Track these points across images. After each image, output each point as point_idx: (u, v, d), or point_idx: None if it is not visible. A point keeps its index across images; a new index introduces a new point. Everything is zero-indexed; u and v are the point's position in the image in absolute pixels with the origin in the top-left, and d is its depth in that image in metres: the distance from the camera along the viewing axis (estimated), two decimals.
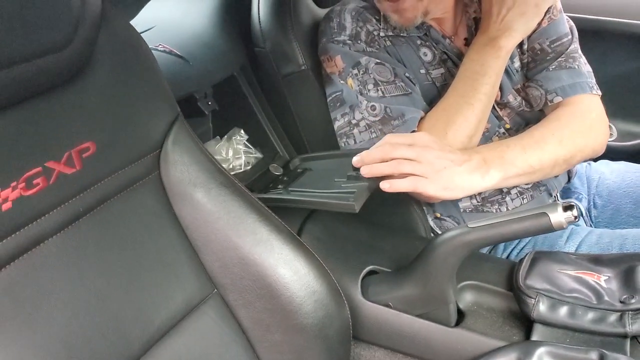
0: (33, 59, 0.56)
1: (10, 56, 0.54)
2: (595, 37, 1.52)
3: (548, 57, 1.05)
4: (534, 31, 1.04)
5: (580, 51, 1.08)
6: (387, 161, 0.87)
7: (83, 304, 0.61)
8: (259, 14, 1.12)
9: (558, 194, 1.17)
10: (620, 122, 1.57)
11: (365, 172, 0.87)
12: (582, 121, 1.01)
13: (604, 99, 1.05)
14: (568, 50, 1.05)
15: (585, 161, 1.19)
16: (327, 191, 0.90)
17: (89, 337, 0.61)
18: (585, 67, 1.06)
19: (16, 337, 0.55)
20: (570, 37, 1.06)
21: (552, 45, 1.05)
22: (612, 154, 1.42)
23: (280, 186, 0.97)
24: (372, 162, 0.88)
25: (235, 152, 1.02)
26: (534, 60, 1.07)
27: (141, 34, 0.75)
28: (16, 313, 0.56)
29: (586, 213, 1.20)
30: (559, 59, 1.04)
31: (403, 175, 0.87)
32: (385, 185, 0.86)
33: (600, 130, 1.03)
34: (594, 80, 1.06)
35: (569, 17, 1.11)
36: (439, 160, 0.88)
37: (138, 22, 1.13)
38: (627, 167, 1.25)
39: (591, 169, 1.26)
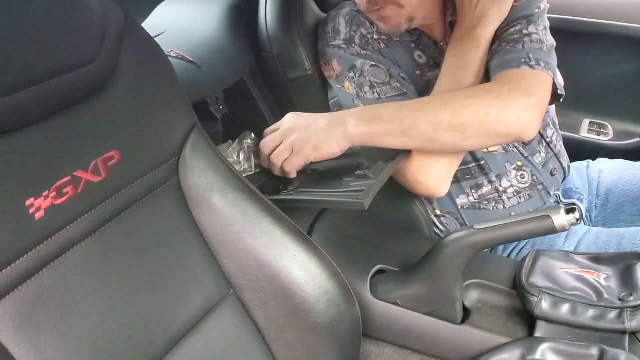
0: (63, 74, 0.58)
1: (42, 72, 0.56)
2: (593, 39, 1.53)
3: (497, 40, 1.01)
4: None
5: (537, 33, 1.00)
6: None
7: (110, 307, 0.64)
8: (266, 19, 1.13)
9: (560, 194, 1.20)
10: (617, 122, 1.59)
11: (265, 164, 1.00)
12: (488, 90, 0.92)
13: (603, 100, 1.04)
14: (512, 30, 1.00)
15: (510, 143, 1.10)
16: (336, 190, 0.92)
17: (116, 338, 0.63)
18: (530, 46, 0.97)
19: (49, 339, 0.57)
20: (524, 21, 1.00)
21: (505, 28, 1.01)
22: (609, 152, 1.45)
23: (290, 188, 0.99)
24: (265, 160, 0.98)
25: (246, 155, 1.04)
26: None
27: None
28: (49, 317, 0.58)
29: (586, 214, 1.22)
30: (501, 38, 1.00)
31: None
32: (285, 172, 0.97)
33: (516, 105, 0.90)
34: (536, 57, 0.95)
35: (569, 19, 1.12)
36: (303, 127, 0.95)
37: (149, 27, 1.15)
38: (624, 165, 1.27)
39: (590, 168, 1.28)
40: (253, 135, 1.04)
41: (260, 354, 0.79)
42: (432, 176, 0.99)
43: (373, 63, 1.05)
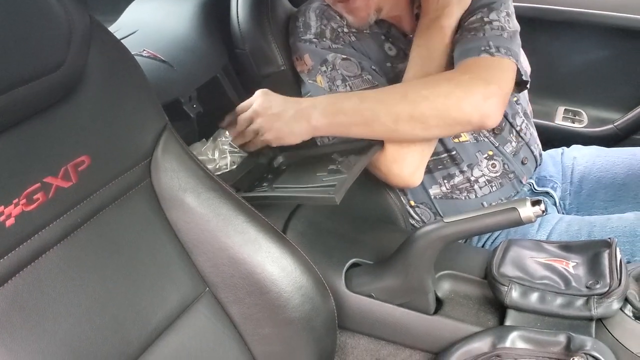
0: (29, 82, 0.59)
1: (9, 81, 0.57)
2: (567, 27, 1.54)
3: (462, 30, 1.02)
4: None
5: (499, 19, 1.00)
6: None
7: (85, 310, 0.65)
8: (237, 16, 1.14)
9: (534, 182, 1.22)
10: (591, 109, 1.61)
11: (235, 142, 1.05)
12: (447, 79, 0.93)
13: (577, 87, 1.05)
14: (473, 19, 1.01)
15: (480, 133, 1.12)
16: (309, 186, 0.93)
17: (92, 340, 0.65)
18: (490, 33, 0.97)
19: (25, 345, 0.59)
20: (485, 9, 1.01)
21: (467, 17, 1.02)
22: (582, 140, 1.47)
23: (265, 184, 1.00)
24: (237, 135, 1.04)
25: (221, 152, 1.05)
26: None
27: (125, 39, 0.77)
28: (24, 322, 0.59)
29: (559, 202, 1.24)
30: (463, 27, 1.02)
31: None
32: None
33: (475, 93, 0.90)
34: (496, 44, 0.96)
35: (543, 8, 1.13)
36: (269, 115, 0.99)
37: (120, 25, 1.15)
38: (597, 152, 1.29)
39: (565, 156, 1.30)
40: (227, 133, 1.05)
41: (237, 350, 0.81)
42: (406, 167, 1.01)
43: (344, 56, 1.06)
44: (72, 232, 0.66)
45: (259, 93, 1.03)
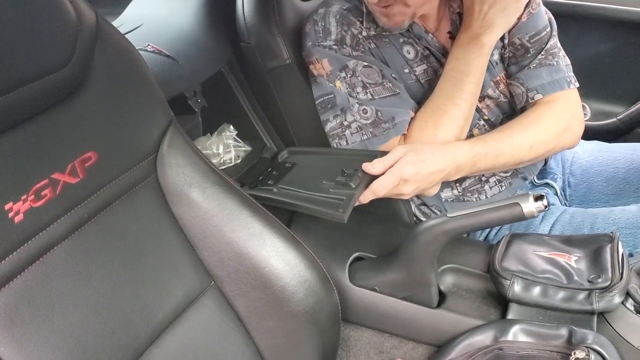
0: (37, 80, 0.59)
1: (17, 79, 0.57)
2: (570, 20, 1.54)
3: (528, 54, 1.07)
4: (514, 25, 1.06)
5: (559, 44, 1.10)
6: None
7: (92, 304, 0.66)
8: (243, 9, 1.13)
9: (534, 176, 1.22)
10: (594, 103, 1.61)
11: (366, 200, 0.97)
12: (557, 123, 1.05)
13: (578, 80, 1.08)
14: (548, 46, 1.07)
15: None
16: (315, 194, 0.94)
17: (99, 334, 0.65)
18: (564, 61, 1.09)
19: (34, 338, 0.59)
20: (549, 29, 1.08)
21: (531, 40, 1.07)
22: (585, 133, 1.46)
23: (270, 182, 1.01)
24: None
25: (226, 146, 1.06)
26: (514, 55, 1.09)
27: (130, 33, 0.77)
28: (33, 316, 0.60)
29: (561, 192, 1.24)
30: (539, 57, 1.06)
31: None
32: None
33: (574, 129, 1.08)
34: (572, 74, 1.08)
35: (546, 1, 1.14)
36: (420, 183, 0.97)
37: (125, 20, 1.15)
38: (599, 147, 1.29)
39: (566, 150, 1.30)
40: (232, 127, 1.05)
41: (242, 343, 0.82)
42: None
43: (366, 64, 1.05)
44: (80, 227, 0.66)
45: (406, 157, 0.96)
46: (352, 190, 0.91)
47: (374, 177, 0.95)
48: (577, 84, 1.08)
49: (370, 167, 0.95)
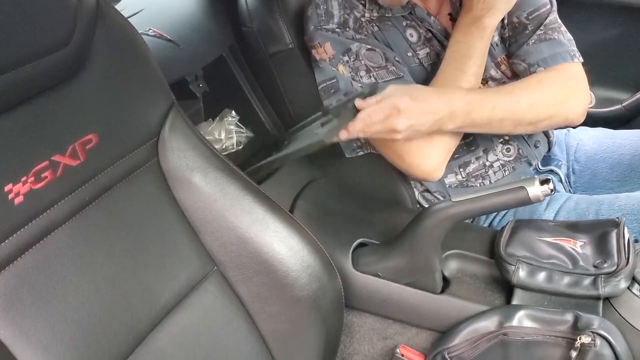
0: (36, 60, 0.58)
1: (15, 58, 0.56)
2: (576, 6, 1.53)
3: (527, 31, 1.06)
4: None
5: (559, 20, 1.08)
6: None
7: (93, 287, 0.65)
8: None
9: (539, 162, 1.21)
10: (599, 89, 1.59)
11: (359, 125, 0.92)
12: (560, 89, 1.01)
13: (585, 67, 1.06)
14: (547, 22, 1.05)
15: (560, 128, 1.21)
16: (304, 142, 0.94)
17: (101, 318, 0.65)
18: (566, 36, 1.06)
19: (34, 321, 0.59)
20: (548, 6, 1.06)
21: (529, 17, 1.05)
22: (590, 120, 1.45)
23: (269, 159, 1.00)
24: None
25: (228, 132, 1.05)
26: (513, 34, 1.08)
27: (131, 18, 0.76)
28: (34, 300, 0.59)
29: (565, 179, 1.23)
30: (538, 32, 1.05)
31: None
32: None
33: (577, 99, 1.03)
34: (575, 48, 1.06)
35: None
36: (414, 125, 0.93)
37: (127, 4, 1.14)
38: (604, 133, 1.28)
39: (570, 136, 1.29)
40: (234, 112, 1.04)
41: (245, 328, 0.81)
42: (431, 162, 1.00)
43: (369, 47, 1.04)
44: (80, 210, 0.66)
45: (400, 90, 0.95)
46: (334, 122, 0.90)
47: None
48: (581, 59, 1.05)
49: (363, 103, 0.92)
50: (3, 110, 0.58)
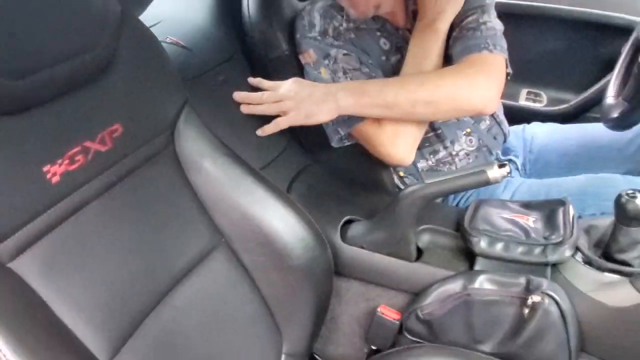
0: (69, 59, 0.59)
1: (51, 57, 0.57)
2: (530, 20, 1.54)
3: (453, 32, 1.02)
4: None
5: (491, 21, 1.01)
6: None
7: (120, 256, 0.65)
8: (248, 8, 1.12)
9: (499, 152, 1.22)
10: (550, 91, 1.61)
11: (245, 110, 0.99)
12: (457, 72, 0.96)
13: (537, 72, 1.05)
14: (470, 19, 1.01)
15: (472, 115, 1.12)
16: None
17: (126, 281, 0.65)
18: (487, 32, 0.99)
19: (69, 284, 0.59)
20: (479, 12, 1.01)
21: (457, 19, 1.02)
22: (543, 117, 1.47)
23: None
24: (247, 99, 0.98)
25: None
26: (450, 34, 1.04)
27: (152, 28, 0.77)
28: (67, 265, 0.60)
29: (521, 167, 1.24)
30: (461, 25, 1.01)
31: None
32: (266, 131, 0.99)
33: (482, 86, 0.93)
34: (492, 42, 0.98)
35: (511, 3, 1.12)
36: (299, 98, 0.96)
37: (147, 17, 1.14)
38: (554, 128, 1.30)
39: (526, 131, 1.30)
40: None
41: (248, 291, 0.82)
42: (401, 149, 1.00)
43: (345, 52, 1.04)
44: (108, 189, 0.66)
45: (290, 80, 0.99)
46: None
47: None
48: (498, 51, 0.97)
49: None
50: (42, 102, 0.59)
